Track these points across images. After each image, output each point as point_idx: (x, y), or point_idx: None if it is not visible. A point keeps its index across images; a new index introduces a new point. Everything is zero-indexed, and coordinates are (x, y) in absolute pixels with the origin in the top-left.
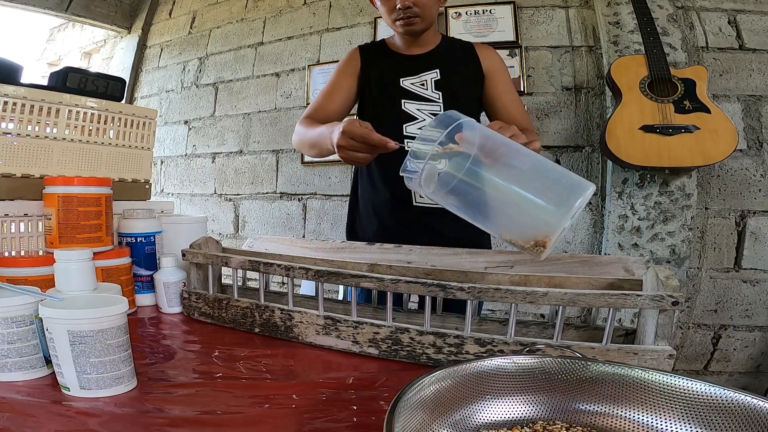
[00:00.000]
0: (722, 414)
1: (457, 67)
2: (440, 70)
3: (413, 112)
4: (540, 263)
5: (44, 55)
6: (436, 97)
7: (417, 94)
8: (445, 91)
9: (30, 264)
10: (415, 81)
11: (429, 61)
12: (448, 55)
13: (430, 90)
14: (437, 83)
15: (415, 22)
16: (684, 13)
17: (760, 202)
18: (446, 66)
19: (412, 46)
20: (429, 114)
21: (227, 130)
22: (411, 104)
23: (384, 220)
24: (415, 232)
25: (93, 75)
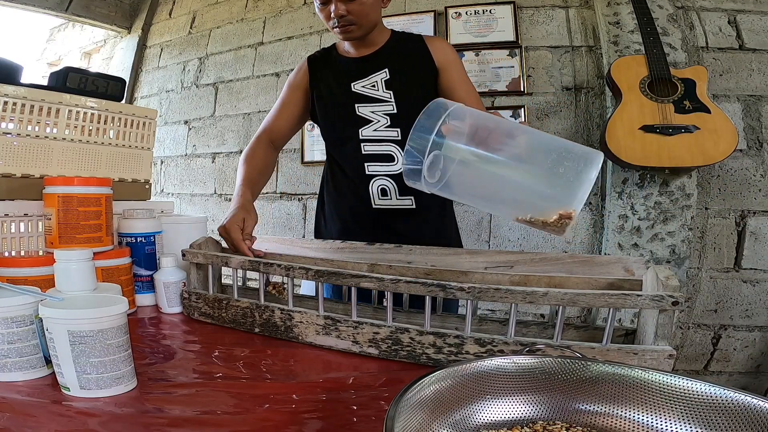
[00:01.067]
0: (722, 414)
1: (406, 63)
2: (389, 69)
3: (367, 115)
4: (540, 263)
5: (44, 55)
6: (387, 96)
7: (369, 97)
8: (395, 89)
9: (30, 264)
10: (365, 83)
11: (376, 61)
12: (396, 52)
13: (381, 90)
14: (387, 83)
15: (351, 30)
16: (684, 13)
17: (760, 202)
18: (394, 64)
19: (359, 47)
20: (383, 115)
21: (227, 130)
22: (364, 107)
23: (346, 221)
24: (376, 233)
25: (93, 75)
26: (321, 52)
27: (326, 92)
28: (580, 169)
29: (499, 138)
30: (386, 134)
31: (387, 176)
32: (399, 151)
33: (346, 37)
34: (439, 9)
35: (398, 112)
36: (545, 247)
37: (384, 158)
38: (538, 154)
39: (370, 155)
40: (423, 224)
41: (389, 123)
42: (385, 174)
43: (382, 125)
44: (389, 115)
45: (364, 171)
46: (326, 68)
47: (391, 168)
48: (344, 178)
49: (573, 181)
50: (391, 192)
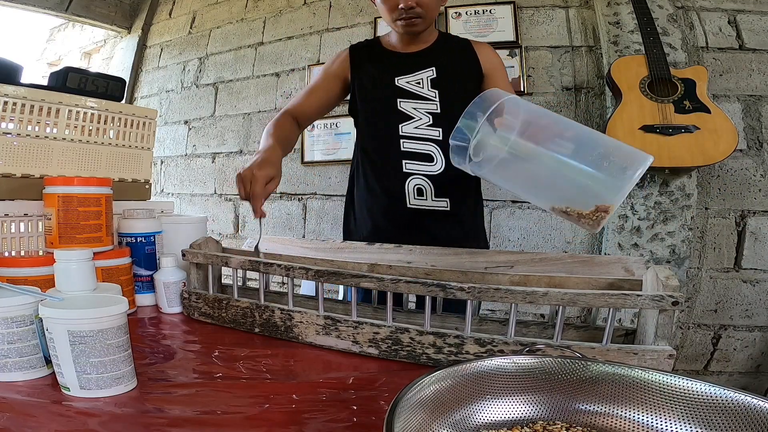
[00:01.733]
0: (722, 414)
1: (453, 65)
2: (436, 68)
3: (409, 111)
4: (540, 263)
5: (44, 55)
6: (432, 95)
7: (413, 93)
8: (441, 89)
9: (30, 264)
10: (410, 79)
11: (425, 58)
12: (444, 52)
13: (426, 88)
14: (433, 81)
15: (417, 23)
16: (684, 13)
17: (760, 202)
18: (442, 64)
19: (408, 44)
20: (425, 113)
21: (227, 130)
22: (407, 103)
23: (378, 221)
24: (408, 234)
25: (93, 75)
26: (365, 44)
27: (368, 84)
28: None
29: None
30: (427, 133)
31: (424, 176)
32: (439, 151)
33: (410, 30)
34: None
35: (441, 112)
36: (545, 247)
37: (423, 157)
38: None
39: (409, 153)
40: (456, 226)
41: (431, 122)
42: (423, 174)
43: (423, 123)
44: (432, 114)
45: (402, 168)
46: (370, 60)
47: (430, 168)
48: (379, 175)
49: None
50: (427, 192)
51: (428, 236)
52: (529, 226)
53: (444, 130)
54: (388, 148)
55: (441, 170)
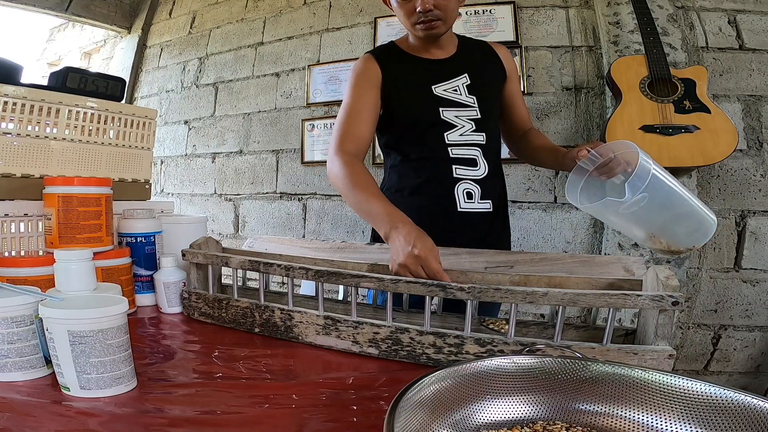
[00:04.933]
0: (722, 414)
1: (483, 69)
2: (468, 74)
3: (452, 120)
4: (540, 263)
5: (44, 55)
6: (471, 101)
7: (453, 101)
8: (478, 95)
9: (30, 264)
10: (447, 87)
11: (457, 65)
12: (471, 57)
13: (464, 95)
14: (469, 88)
15: (437, 26)
16: (684, 13)
17: (760, 202)
18: (474, 70)
19: (433, 49)
20: (467, 120)
21: (227, 130)
22: (449, 111)
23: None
24: (458, 235)
25: (93, 75)
26: (384, 49)
27: (406, 93)
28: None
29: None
30: (472, 139)
31: (472, 180)
32: (481, 155)
33: (429, 34)
34: None
35: (482, 117)
36: (545, 247)
37: (469, 162)
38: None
39: (457, 159)
40: (496, 227)
41: (474, 128)
42: (471, 178)
43: (467, 130)
44: (474, 120)
45: (452, 173)
46: (400, 66)
47: (476, 173)
48: (426, 180)
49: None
50: (475, 195)
51: (477, 237)
52: (529, 226)
53: (486, 135)
54: (437, 156)
55: (485, 174)
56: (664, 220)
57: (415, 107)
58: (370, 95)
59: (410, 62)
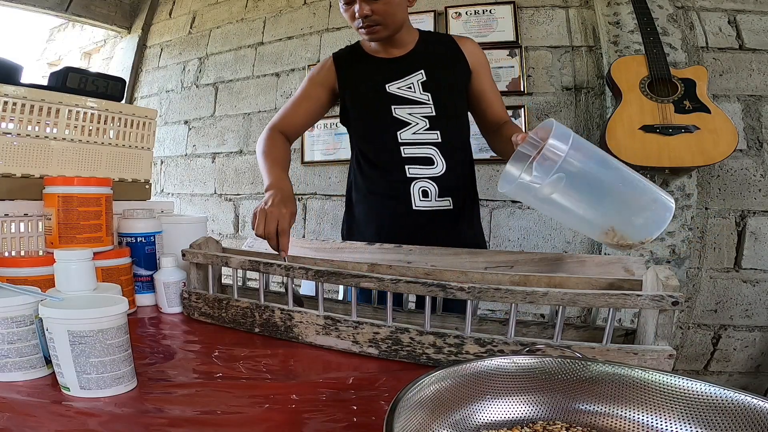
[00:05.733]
0: (722, 414)
1: (441, 65)
2: (425, 71)
3: (405, 117)
4: (540, 263)
5: (44, 55)
6: (425, 98)
7: (406, 98)
8: (434, 91)
9: (30, 264)
10: (401, 85)
11: (412, 62)
12: (429, 53)
13: (418, 92)
14: (424, 84)
15: (377, 31)
16: (684, 13)
17: (760, 202)
18: (430, 65)
19: (389, 48)
20: (421, 117)
21: (227, 130)
22: (401, 109)
23: (383, 224)
24: (414, 234)
25: (93, 75)
26: (346, 50)
27: (359, 93)
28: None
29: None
30: (426, 137)
31: (428, 179)
32: (438, 154)
33: (372, 38)
34: (439, 9)
35: (436, 114)
36: (545, 247)
37: (424, 161)
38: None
39: (410, 158)
40: (459, 225)
41: (428, 126)
42: (427, 177)
43: (421, 128)
44: (428, 118)
45: (405, 174)
46: (356, 67)
47: (432, 171)
48: (382, 180)
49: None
50: (431, 194)
51: (433, 235)
52: (529, 226)
53: (441, 132)
54: (390, 156)
55: (443, 172)
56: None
57: (367, 106)
58: (315, 91)
59: (367, 62)
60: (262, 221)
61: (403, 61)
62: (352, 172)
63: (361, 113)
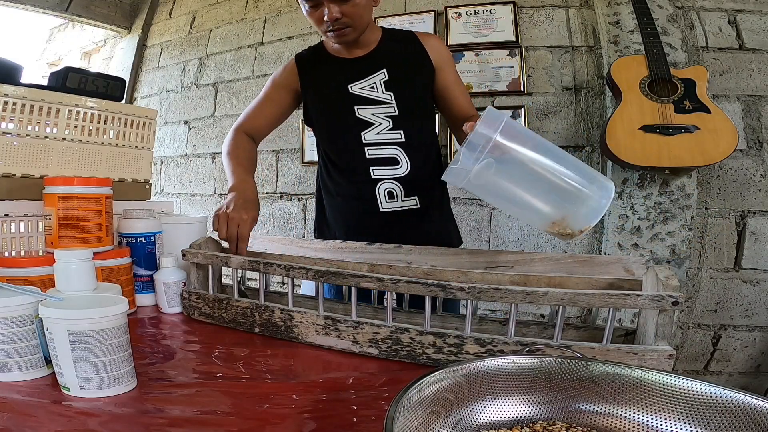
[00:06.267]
0: (722, 414)
1: (404, 63)
2: (387, 70)
3: (369, 118)
4: (540, 263)
5: (44, 55)
6: (388, 98)
7: (369, 98)
8: (396, 90)
9: (30, 264)
10: (363, 85)
11: (373, 61)
12: (392, 51)
13: (381, 92)
14: (386, 84)
15: (347, 33)
16: (684, 13)
17: (760, 202)
18: (392, 64)
19: (352, 48)
20: (384, 117)
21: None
22: (365, 109)
23: (351, 225)
24: (382, 234)
25: (93, 75)
26: (309, 51)
27: (321, 95)
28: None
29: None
30: (389, 137)
31: (393, 179)
32: (402, 153)
33: (341, 41)
34: (439, 9)
35: (400, 113)
36: (545, 247)
37: (389, 162)
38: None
39: (374, 159)
40: (426, 223)
41: (391, 126)
42: (392, 177)
43: (384, 128)
44: (391, 118)
45: (370, 175)
46: (318, 69)
47: (397, 171)
48: (347, 182)
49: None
50: (397, 194)
51: (401, 235)
52: (530, 226)
53: (405, 132)
54: (354, 157)
55: (407, 172)
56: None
57: (330, 107)
58: (277, 94)
59: (329, 63)
60: (224, 225)
61: (365, 61)
62: (320, 173)
63: (324, 114)
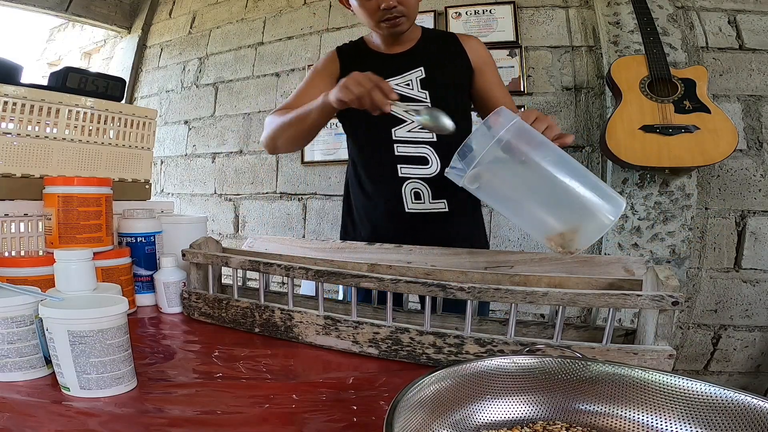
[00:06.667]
0: (722, 414)
1: (442, 62)
2: (424, 68)
3: (401, 114)
4: (540, 263)
5: (44, 55)
6: (423, 96)
7: (403, 95)
8: (432, 89)
9: (30, 264)
10: (399, 81)
11: (412, 59)
12: (431, 50)
13: (416, 90)
14: (423, 82)
15: (401, 23)
16: (684, 13)
17: (760, 202)
18: (430, 62)
19: (393, 44)
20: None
21: (227, 130)
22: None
23: (377, 225)
24: (408, 236)
25: (93, 75)
26: (350, 45)
27: None
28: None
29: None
30: (421, 136)
31: (420, 179)
32: (433, 153)
33: (395, 30)
34: (439, 9)
35: None
36: (545, 247)
37: (417, 161)
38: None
39: (403, 157)
40: (455, 226)
41: None
42: (419, 177)
43: (416, 126)
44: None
45: (397, 173)
46: (357, 62)
47: (425, 171)
48: (374, 181)
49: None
50: (424, 195)
51: (428, 238)
52: None
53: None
54: (382, 153)
55: (437, 172)
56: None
57: None
58: (321, 81)
59: (368, 57)
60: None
61: (403, 58)
62: (348, 170)
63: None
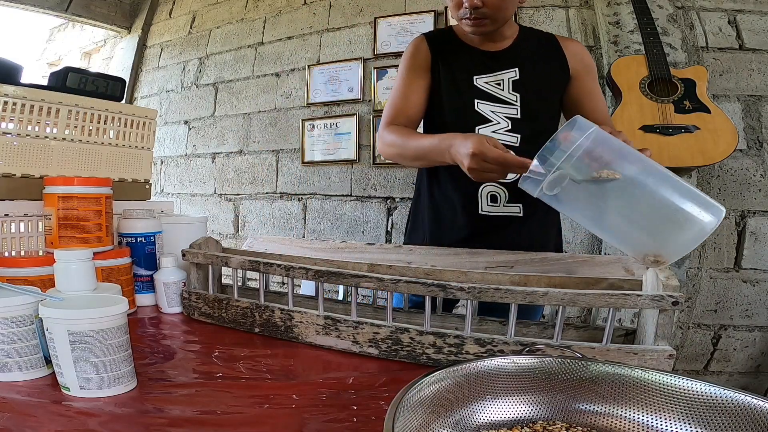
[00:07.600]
0: (722, 414)
1: (538, 65)
2: (519, 69)
3: (487, 114)
4: (540, 263)
5: (44, 55)
6: (513, 99)
7: (492, 95)
8: (524, 92)
9: (30, 264)
10: (490, 80)
11: (508, 58)
12: (528, 51)
13: (507, 91)
14: (515, 84)
15: (484, 24)
16: (684, 13)
17: (760, 202)
18: (526, 64)
19: (486, 41)
20: (504, 117)
21: (227, 130)
22: (485, 105)
23: (443, 221)
24: (479, 239)
25: (93, 75)
26: (439, 32)
27: (445, 81)
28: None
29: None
30: (504, 139)
31: (499, 183)
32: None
33: (477, 31)
34: (439, 9)
35: (521, 117)
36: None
37: None
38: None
39: None
40: (525, 231)
41: (509, 127)
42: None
43: (501, 128)
44: (511, 119)
45: None
46: (448, 53)
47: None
48: (450, 178)
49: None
50: (501, 198)
51: (502, 242)
52: None
53: (522, 137)
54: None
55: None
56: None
57: (449, 94)
58: (418, 75)
59: (460, 49)
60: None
61: (497, 56)
62: (423, 170)
63: (442, 103)
